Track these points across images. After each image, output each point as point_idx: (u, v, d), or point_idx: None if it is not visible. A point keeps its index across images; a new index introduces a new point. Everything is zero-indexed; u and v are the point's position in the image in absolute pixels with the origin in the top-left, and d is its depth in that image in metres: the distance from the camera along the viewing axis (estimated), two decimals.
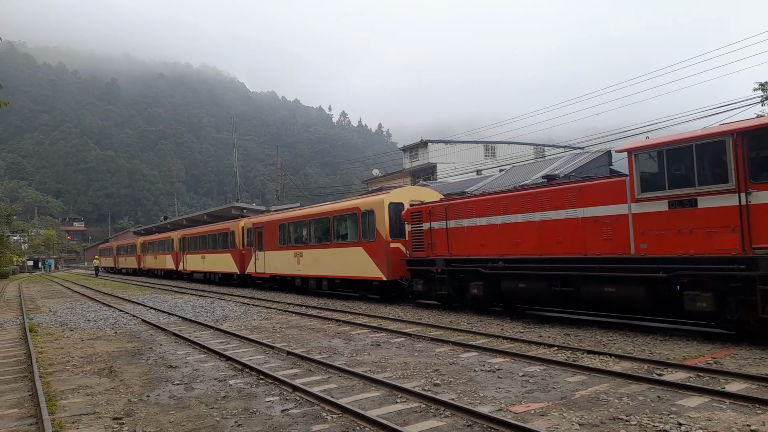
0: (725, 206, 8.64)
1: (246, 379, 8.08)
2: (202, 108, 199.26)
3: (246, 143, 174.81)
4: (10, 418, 6.73)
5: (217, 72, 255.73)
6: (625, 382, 6.94)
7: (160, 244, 42.91)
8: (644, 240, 9.74)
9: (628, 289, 10.07)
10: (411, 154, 53.61)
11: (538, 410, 5.99)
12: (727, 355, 8.18)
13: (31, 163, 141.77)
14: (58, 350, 11.40)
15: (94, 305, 21.53)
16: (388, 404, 6.50)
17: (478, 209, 13.54)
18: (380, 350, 9.89)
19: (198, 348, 10.91)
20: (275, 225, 24.06)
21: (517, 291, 12.50)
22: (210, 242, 32.29)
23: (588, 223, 10.80)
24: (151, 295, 25.18)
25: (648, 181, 9.70)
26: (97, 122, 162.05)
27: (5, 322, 16.97)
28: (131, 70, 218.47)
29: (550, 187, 11.95)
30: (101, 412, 6.74)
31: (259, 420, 6.16)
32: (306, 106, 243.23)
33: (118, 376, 8.75)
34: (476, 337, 10.64)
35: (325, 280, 20.59)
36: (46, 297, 27.98)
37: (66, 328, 14.89)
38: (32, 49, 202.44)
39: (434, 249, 14.92)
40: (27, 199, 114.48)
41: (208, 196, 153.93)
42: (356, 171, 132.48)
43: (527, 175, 30.10)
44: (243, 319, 15.21)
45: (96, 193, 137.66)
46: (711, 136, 8.88)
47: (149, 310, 18.55)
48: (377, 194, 18.90)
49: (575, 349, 8.94)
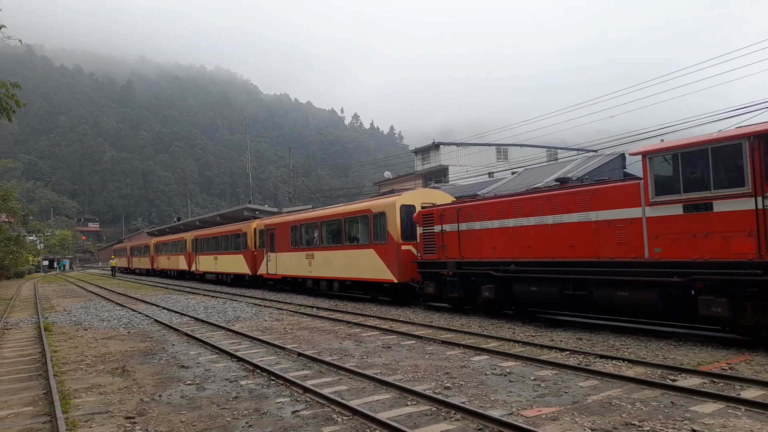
0: (741, 210, 8.52)
1: (257, 380, 8.11)
2: (216, 110, 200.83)
3: (258, 145, 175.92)
4: (25, 415, 6.82)
5: (230, 74, 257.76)
6: (638, 388, 6.87)
7: (173, 244, 43.26)
8: (658, 244, 9.64)
9: (641, 294, 9.96)
10: (422, 156, 53.57)
11: (549, 415, 5.95)
12: (743, 361, 8.07)
13: (48, 164, 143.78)
14: (72, 349, 11.52)
15: (107, 305, 21.75)
16: (399, 407, 6.49)
17: (490, 212, 13.48)
18: (391, 352, 9.88)
19: (210, 348, 10.97)
20: (287, 226, 24.15)
21: (528, 294, 12.42)
22: (222, 243, 32.50)
23: (601, 226, 10.71)
24: (163, 296, 25.38)
25: (663, 185, 9.60)
26: (113, 124, 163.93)
27: (21, 321, 17.20)
28: (146, 73, 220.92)
29: (563, 190, 11.88)
30: (114, 411, 6.81)
31: (269, 421, 6.17)
32: (318, 109, 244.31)
33: (130, 375, 8.82)
34: (487, 341, 10.59)
35: (336, 281, 20.62)
36: (60, 296, 28.32)
37: (80, 328, 15.05)
38: (50, 51, 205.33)
39: (445, 251, 14.88)
40: (43, 200, 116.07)
41: (221, 198, 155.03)
42: (368, 173, 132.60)
43: (540, 178, 29.94)
44: (254, 320, 15.27)
45: (110, 194, 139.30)
46: (727, 139, 8.77)
47: (162, 310, 18.70)
48: (389, 196, 18.91)
49: (587, 354, 8.87)
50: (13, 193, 47.55)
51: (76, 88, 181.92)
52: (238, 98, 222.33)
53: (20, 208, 50.72)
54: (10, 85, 11.95)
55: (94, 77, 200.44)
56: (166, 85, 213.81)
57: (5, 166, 60.44)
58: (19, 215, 49.45)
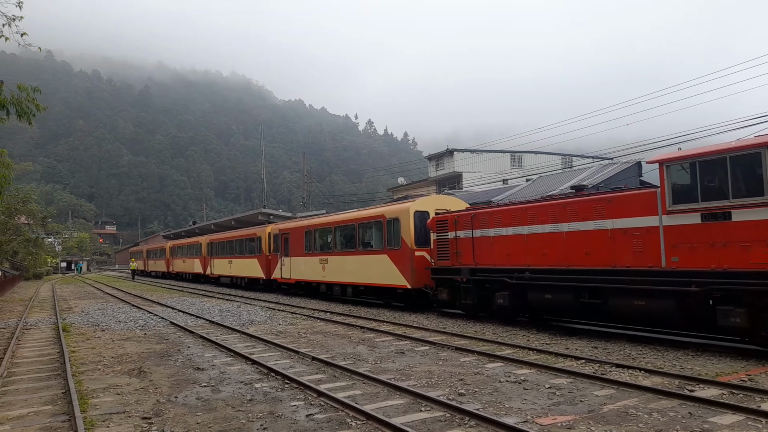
0: (761, 220, 8.42)
1: (271, 383, 8.16)
2: (231, 115, 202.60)
3: (273, 150, 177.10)
4: (44, 414, 6.93)
5: (245, 80, 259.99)
6: (655, 397, 6.80)
7: (189, 248, 43.63)
8: (676, 253, 9.55)
9: (658, 303, 9.87)
10: (436, 162, 53.55)
11: (564, 423, 5.91)
12: (763, 373, 7.95)
13: (66, 168, 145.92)
14: (89, 350, 11.68)
15: (124, 307, 22.01)
16: (413, 412, 6.49)
17: (505, 219, 13.45)
18: (404, 358, 9.88)
19: (225, 351, 11.06)
20: (301, 231, 24.27)
21: (543, 302, 12.36)
22: (237, 247, 32.72)
23: (617, 234, 10.64)
24: (179, 298, 25.61)
25: (680, 193, 9.52)
26: (130, 128, 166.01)
27: (39, 322, 17.47)
28: (163, 78, 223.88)
29: (578, 198, 11.82)
30: (131, 411, 6.89)
31: (284, 424, 6.21)
32: (332, 114, 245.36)
33: (147, 376, 8.92)
34: (502, 348, 10.54)
35: (349, 286, 20.66)
36: (78, 298, 28.69)
37: (97, 329, 15.25)
38: (69, 57, 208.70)
39: (459, 258, 14.86)
40: (62, 203, 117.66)
41: (236, 202, 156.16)
42: (381, 179, 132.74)
43: (554, 185, 29.77)
44: (269, 323, 15.36)
45: (127, 198, 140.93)
46: (745, 148, 8.69)
47: (177, 312, 18.87)
48: (403, 202, 18.93)
49: (603, 362, 8.80)
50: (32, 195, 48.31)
51: (95, 93, 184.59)
52: (253, 104, 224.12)
53: (39, 210, 51.54)
54: (31, 90, 12.18)
55: (112, 82, 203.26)
56: (182, 90, 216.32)
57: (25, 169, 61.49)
58: (38, 217, 50.25)
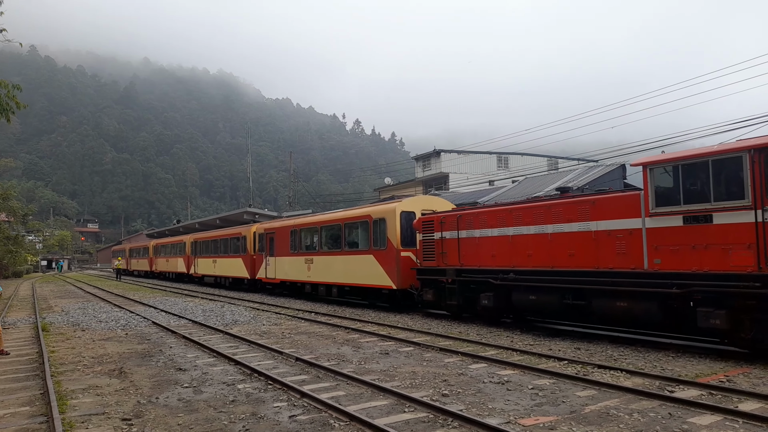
0: (741, 223, 8.54)
1: (254, 384, 8.10)
2: (218, 113, 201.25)
3: (260, 149, 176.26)
4: (21, 415, 6.80)
5: (232, 78, 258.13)
6: (635, 398, 6.86)
7: (172, 247, 43.22)
8: (658, 255, 9.66)
9: (640, 304, 9.96)
10: (423, 163, 53.68)
11: (546, 424, 5.94)
12: (741, 374, 8.06)
13: (48, 164, 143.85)
14: (69, 350, 11.50)
15: (105, 306, 21.72)
16: (396, 413, 6.48)
17: (490, 220, 13.50)
18: (389, 359, 9.87)
19: (207, 352, 10.95)
20: (287, 231, 24.16)
21: (527, 303, 12.42)
22: (221, 246, 32.48)
23: (601, 236, 10.73)
24: (162, 298, 25.35)
25: (663, 196, 9.62)
26: (114, 125, 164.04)
27: (18, 321, 17.18)
28: (149, 75, 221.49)
29: (563, 200, 11.90)
30: (111, 412, 6.79)
31: (266, 425, 6.16)
32: (320, 113, 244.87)
33: (128, 377, 8.81)
34: (486, 349, 10.57)
35: (335, 287, 20.60)
36: (58, 297, 28.28)
37: (78, 329, 15.03)
38: (53, 52, 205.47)
39: (445, 259, 14.89)
40: (43, 200, 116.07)
41: (221, 201, 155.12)
42: (368, 179, 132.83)
43: (540, 187, 29.98)
44: (252, 324, 15.25)
45: (110, 195, 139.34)
46: (728, 151, 8.81)
47: (160, 312, 18.67)
48: (389, 202, 18.92)
49: (586, 363, 8.87)
50: (12, 192, 47.52)
51: (79, 89, 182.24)
52: (240, 102, 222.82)
53: (20, 207, 50.77)
54: (12, 87, 11.98)
55: (97, 78, 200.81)
56: (168, 88, 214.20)
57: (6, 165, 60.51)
58: (19, 215, 49.50)
